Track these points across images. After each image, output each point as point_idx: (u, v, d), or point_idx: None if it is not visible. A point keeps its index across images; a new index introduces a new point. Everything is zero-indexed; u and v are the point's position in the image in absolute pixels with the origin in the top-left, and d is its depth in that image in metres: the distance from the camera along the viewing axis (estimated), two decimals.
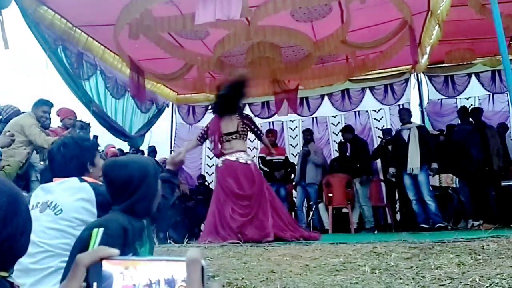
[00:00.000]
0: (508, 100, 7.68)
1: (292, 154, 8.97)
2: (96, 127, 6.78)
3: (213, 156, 9.64)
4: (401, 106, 8.56)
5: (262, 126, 8.30)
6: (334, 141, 9.04)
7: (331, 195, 7.26)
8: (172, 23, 5.68)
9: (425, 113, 8.47)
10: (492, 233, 3.72)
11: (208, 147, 9.73)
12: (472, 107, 7.25)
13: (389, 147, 7.05)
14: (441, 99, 8.49)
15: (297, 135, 9.28)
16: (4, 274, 0.85)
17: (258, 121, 7.75)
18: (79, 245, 1.50)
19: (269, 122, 9.42)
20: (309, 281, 2.55)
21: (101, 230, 1.52)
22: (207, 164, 9.69)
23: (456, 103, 8.41)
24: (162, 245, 4.48)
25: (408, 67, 8.27)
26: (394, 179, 6.44)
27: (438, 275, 2.52)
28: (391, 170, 6.30)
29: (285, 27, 6.03)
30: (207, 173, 9.54)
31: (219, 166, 5.23)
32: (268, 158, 7.24)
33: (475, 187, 6.10)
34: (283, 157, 7.70)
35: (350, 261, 3.03)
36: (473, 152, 6.10)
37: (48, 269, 1.75)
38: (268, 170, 7.25)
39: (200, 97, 9.36)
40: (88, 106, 6.61)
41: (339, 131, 8.02)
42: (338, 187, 7.14)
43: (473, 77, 8.30)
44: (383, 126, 8.45)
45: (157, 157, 8.69)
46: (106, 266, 0.60)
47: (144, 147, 8.43)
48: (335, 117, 9.24)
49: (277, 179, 7.30)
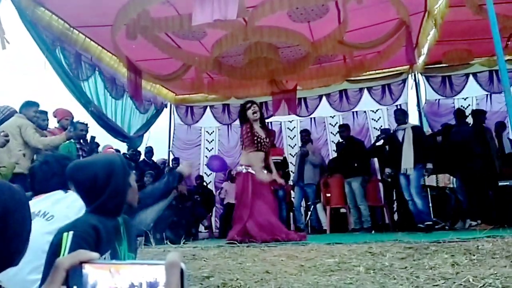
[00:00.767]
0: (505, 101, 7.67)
1: (290, 154, 8.98)
2: (95, 127, 6.80)
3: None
4: (398, 107, 8.58)
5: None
6: (332, 141, 9.05)
7: (329, 195, 7.28)
8: (169, 23, 5.70)
9: (423, 114, 8.47)
10: (487, 233, 3.73)
11: (206, 147, 9.81)
12: (475, 109, 7.26)
13: (386, 147, 7.06)
14: (439, 99, 8.50)
15: (295, 136, 9.29)
16: None
17: None
18: (51, 250, 1.49)
19: (267, 123, 9.42)
20: (303, 281, 2.55)
21: (70, 233, 1.50)
22: (205, 165, 9.69)
23: (453, 103, 8.42)
24: (159, 245, 4.49)
25: (405, 67, 8.28)
26: (390, 180, 6.45)
27: (432, 275, 2.52)
28: (387, 170, 6.31)
29: (282, 28, 6.04)
30: (205, 173, 9.56)
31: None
32: None
33: (472, 187, 6.11)
34: (281, 158, 7.70)
35: (345, 261, 3.03)
36: (471, 153, 6.11)
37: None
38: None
39: (198, 97, 9.38)
40: (87, 106, 6.61)
41: (337, 132, 8.02)
42: (336, 187, 7.16)
43: (471, 77, 8.31)
44: (381, 126, 8.45)
45: (155, 157, 8.71)
46: (89, 270, 0.60)
47: (142, 148, 8.43)
48: (333, 117, 9.25)
49: None
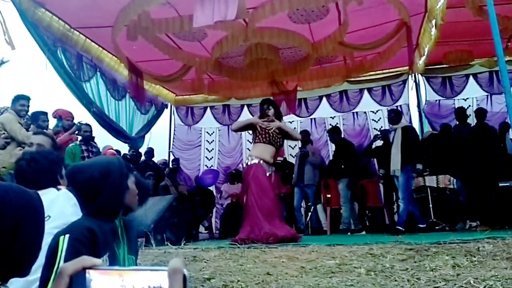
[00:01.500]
0: (506, 101, 7.67)
1: (290, 155, 8.98)
2: (97, 128, 6.79)
3: (211, 158, 9.74)
4: (399, 107, 8.58)
5: None
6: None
7: (329, 196, 7.28)
8: (170, 25, 5.70)
9: (423, 114, 8.47)
10: (488, 234, 3.73)
11: (206, 148, 9.80)
12: (479, 107, 7.26)
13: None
14: (439, 100, 8.50)
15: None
16: None
17: None
18: (48, 253, 1.50)
19: None
20: (304, 283, 2.55)
21: (66, 237, 1.49)
22: (205, 165, 9.70)
23: (454, 104, 8.42)
24: (160, 247, 4.49)
25: (406, 68, 8.26)
26: (383, 180, 6.45)
27: (433, 277, 2.53)
28: (381, 171, 6.33)
29: (282, 29, 6.04)
30: None
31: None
32: None
33: (473, 188, 6.11)
34: (281, 158, 7.71)
35: (346, 263, 3.04)
36: (472, 153, 6.11)
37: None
38: None
39: (198, 98, 9.38)
40: (89, 107, 6.61)
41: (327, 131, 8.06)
42: (336, 188, 7.15)
43: (471, 78, 8.30)
44: (381, 127, 8.44)
45: (156, 158, 8.71)
46: (93, 275, 0.61)
47: (144, 148, 8.44)
48: (333, 118, 9.24)
49: None
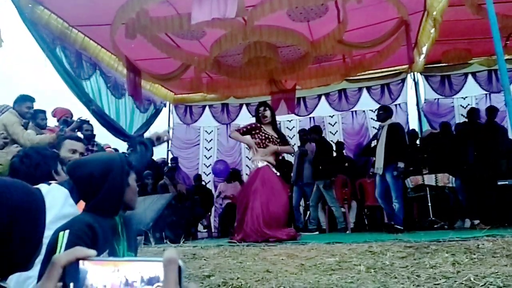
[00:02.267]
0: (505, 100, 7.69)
1: (292, 153, 8.96)
2: (96, 126, 6.76)
3: (210, 156, 9.73)
4: (398, 106, 8.60)
5: None
6: (331, 140, 9.04)
7: None
8: (168, 23, 5.68)
9: (422, 113, 8.47)
10: (488, 232, 3.74)
11: (205, 147, 9.79)
12: (489, 106, 7.27)
13: None
14: (438, 98, 8.51)
15: (294, 135, 9.27)
16: None
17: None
18: (47, 248, 1.49)
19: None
20: (304, 280, 2.55)
21: (66, 232, 1.50)
22: (204, 164, 9.70)
23: (453, 102, 8.45)
24: (159, 245, 4.48)
25: (404, 67, 8.28)
26: (372, 179, 6.48)
27: (433, 274, 2.52)
28: (371, 170, 6.35)
29: (281, 27, 6.03)
30: (204, 172, 9.56)
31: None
32: None
33: (473, 186, 6.12)
34: (280, 157, 7.69)
35: (345, 260, 3.03)
36: (476, 151, 6.13)
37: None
38: None
39: (197, 97, 9.38)
40: (88, 105, 6.59)
41: (304, 131, 8.07)
42: (336, 187, 7.14)
43: (470, 77, 8.32)
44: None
45: (154, 157, 8.68)
46: (88, 266, 0.60)
47: None
48: (332, 117, 9.26)
49: None
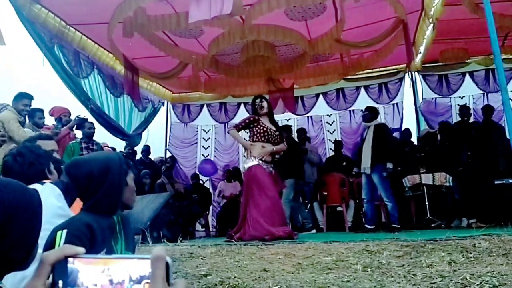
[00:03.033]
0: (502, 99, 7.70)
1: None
2: (95, 125, 6.74)
3: (208, 155, 9.72)
4: (395, 105, 8.62)
5: None
6: (329, 140, 9.07)
7: (325, 193, 7.28)
8: (166, 21, 5.66)
9: (420, 112, 8.49)
10: (484, 231, 3.74)
11: (202, 146, 9.79)
12: (487, 104, 7.29)
13: None
14: (435, 98, 8.52)
15: (292, 134, 9.27)
16: None
17: None
18: (45, 248, 1.49)
19: None
20: (301, 279, 2.55)
21: (64, 232, 1.50)
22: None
23: (450, 102, 8.46)
24: (156, 244, 4.48)
25: (402, 66, 8.29)
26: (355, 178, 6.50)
27: (429, 273, 2.53)
28: (355, 169, 6.36)
29: (279, 26, 6.03)
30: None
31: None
32: None
33: (470, 185, 6.14)
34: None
35: (342, 259, 3.04)
36: (473, 150, 6.14)
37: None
38: None
39: (195, 95, 9.37)
40: (86, 104, 6.58)
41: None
42: (333, 186, 7.16)
43: (467, 76, 8.33)
44: None
45: (152, 156, 8.69)
46: (78, 265, 0.60)
47: (141, 146, 8.43)
48: (330, 115, 9.25)
49: None
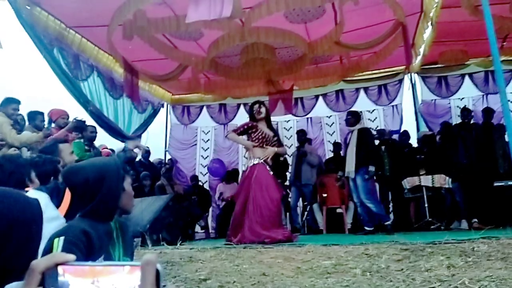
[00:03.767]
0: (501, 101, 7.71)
1: (287, 154, 8.98)
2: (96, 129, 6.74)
3: (207, 156, 9.74)
4: (395, 107, 8.63)
5: None
6: (329, 141, 9.08)
7: (325, 195, 7.29)
8: (166, 24, 5.67)
9: (419, 114, 8.50)
10: (483, 234, 3.75)
11: (202, 147, 9.80)
12: (487, 107, 7.31)
13: (382, 147, 7.08)
14: (435, 99, 8.53)
15: (292, 136, 9.29)
16: None
17: None
18: (42, 255, 1.49)
19: None
20: (300, 284, 2.56)
21: (61, 239, 1.50)
22: (201, 164, 9.70)
23: (449, 103, 8.47)
24: (156, 247, 4.48)
25: (401, 67, 8.29)
26: (340, 182, 6.54)
27: (428, 278, 2.54)
28: (339, 173, 6.38)
29: (279, 28, 6.04)
30: (201, 173, 9.56)
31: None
32: None
33: (470, 187, 6.15)
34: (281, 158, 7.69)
35: (341, 263, 3.04)
36: (473, 152, 6.16)
37: None
38: None
39: (194, 97, 9.38)
40: (86, 106, 6.59)
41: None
42: (332, 187, 7.16)
43: (467, 78, 8.34)
44: (377, 126, 8.48)
45: (152, 158, 8.69)
46: (69, 278, 0.60)
47: None
48: (329, 117, 9.27)
49: None
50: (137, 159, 8.17)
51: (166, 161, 8.99)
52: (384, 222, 5.86)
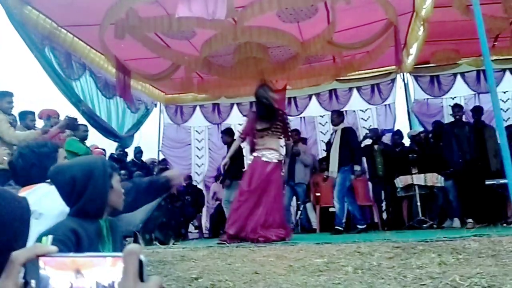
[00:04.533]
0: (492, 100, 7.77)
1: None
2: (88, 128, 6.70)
3: (202, 156, 9.72)
4: (388, 106, 8.66)
5: None
6: (322, 140, 9.08)
7: (318, 194, 7.31)
8: (158, 23, 5.66)
9: (412, 113, 8.54)
10: (474, 232, 3.77)
11: (196, 147, 9.78)
12: (474, 106, 7.34)
13: (375, 147, 7.11)
14: (427, 98, 8.58)
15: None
16: None
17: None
18: None
19: None
20: (292, 282, 2.56)
21: (50, 238, 1.49)
22: (196, 164, 9.68)
23: (442, 103, 8.52)
24: (148, 246, 4.47)
25: (394, 67, 8.30)
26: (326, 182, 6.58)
27: (419, 275, 2.55)
28: (326, 173, 6.43)
29: (272, 28, 6.04)
30: (196, 172, 9.54)
31: (249, 163, 5.21)
32: None
33: (461, 186, 6.18)
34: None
35: (333, 261, 3.05)
36: (464, 151, 6.20)
37: None
38: None
39: (187, 97, 9.36)
40: (77, 106, 6.55)
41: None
42: (325, 186, 7.18)
43: (459, 77, 8.39)
44: (370, 125, 8.49)
45: (145, 157, 8.66)
46: (49, 272, 0.58)
47: (133, 147, 8.40)
48: (322, 116, 9.27)
49: None
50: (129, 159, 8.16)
51: (159, 162, 8.96)
52: (337, 225, 5.89)
